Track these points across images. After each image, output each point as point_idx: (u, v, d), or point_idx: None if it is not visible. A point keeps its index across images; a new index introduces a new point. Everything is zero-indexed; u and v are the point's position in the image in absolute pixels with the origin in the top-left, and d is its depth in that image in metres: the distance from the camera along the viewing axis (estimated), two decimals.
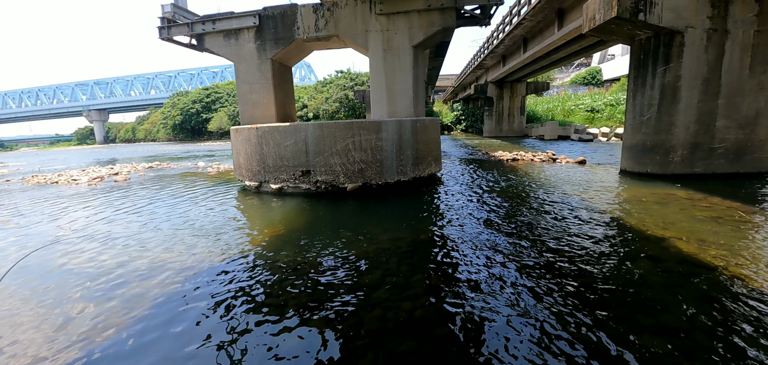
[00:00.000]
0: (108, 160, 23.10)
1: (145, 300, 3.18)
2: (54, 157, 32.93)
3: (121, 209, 6.92)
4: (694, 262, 3.56)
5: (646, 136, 8.09)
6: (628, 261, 3.67)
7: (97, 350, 2.51)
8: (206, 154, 22.97)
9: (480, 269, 3.61)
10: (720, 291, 3.01)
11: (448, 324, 2.68)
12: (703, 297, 2.92)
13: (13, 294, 3.40)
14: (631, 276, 3.31)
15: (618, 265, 3.57)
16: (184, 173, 12.77)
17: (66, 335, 2.70)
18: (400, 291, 3.19)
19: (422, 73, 9.44)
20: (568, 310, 2.79)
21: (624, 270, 3.45)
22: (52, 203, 7.93)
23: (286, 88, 10.11)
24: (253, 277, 3.59)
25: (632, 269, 3.47)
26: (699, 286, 3.09)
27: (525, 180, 8.43)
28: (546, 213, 5.48)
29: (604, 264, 3.58)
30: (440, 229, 4.99)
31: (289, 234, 4.93)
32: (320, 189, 7.37)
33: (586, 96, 31.02)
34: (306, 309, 2.95)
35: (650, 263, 3.58)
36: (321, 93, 41.42)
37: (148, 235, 5.11)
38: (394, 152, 7.41)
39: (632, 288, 3.09)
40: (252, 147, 7.75)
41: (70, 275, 3.80)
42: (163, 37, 9.29)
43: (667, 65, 7.58)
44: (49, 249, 4.70)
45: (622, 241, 4.23)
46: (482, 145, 20.62)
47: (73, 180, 12.07)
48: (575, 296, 3.00)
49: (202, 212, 6.38)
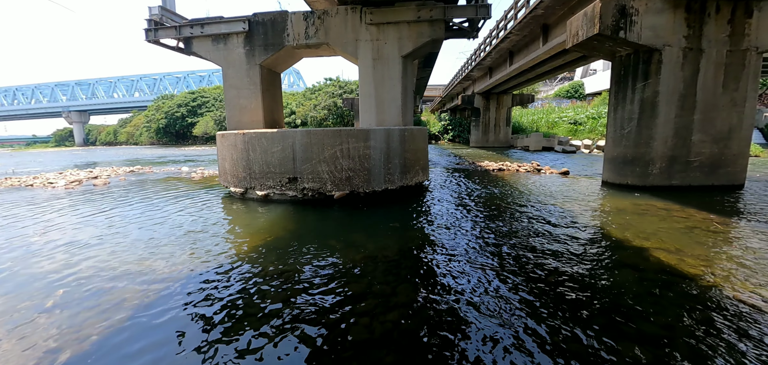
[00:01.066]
0: (87, 163, 22.37)
1: (121, 309, 3.06)
2: (30, 158, 31.66)
3: (99, 214, 6.69)
4: (673, 271, 3.66)
5: (626, 148, 8.35)
6: (609, 269, 3.75)
7: (68, 360, 2.40)
8: (190, 159, 22.51)
9: (465, 278, 3.63)
10: (698, 298, 3.10)
11: (433, 334, 2.67)
12: (682, 304, 3.01)
13: None
14: (613, 285, 3.39)
15: (600, 274, 3.64)
16: (167, 178, 12.47)
17: (35, 347, 2.57)
18: (386, 301, 3.17)
19: (411, 83, 9.53)
20: (551, 318, 2.82)
21: (605, 279, 3.52)
22: (25, 207, 7.61)
23: (274, 94, 10.04)
24: (236, 286, 3.51)
25: (613, 277, 3.55)
26: (678, 294, 3.18)
27: (510, 190, 8.56)
28: (530, 223, 5.57)
29: (586, 273, 3.65)
30: (427, 238, 5.00)
31: (275, 242, 4.85)
32: (307, 196, 7.31)
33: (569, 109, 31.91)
34: (290, 318, 2.90)
35: (631, 272, 3.66)
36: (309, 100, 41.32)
37: (127, 242, 4.95)
38: (382, 160, 7.43)
39: (613, 297, 3.16)
40: (238, 152, 7.64)
41: (41, 283, 3.63)
42: (150, 39, 9.13)
43: (646, 81, 7.87)
44: (20, 255, 4.49)
45: (604, 251, 4.33)
46: (469, 154, 20.88)
47: (49, 183, 11.62)
48: (558, 304, 3.04)
49: (184, 218, 6.22)
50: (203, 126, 49.41)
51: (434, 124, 37.54)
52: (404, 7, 8.28)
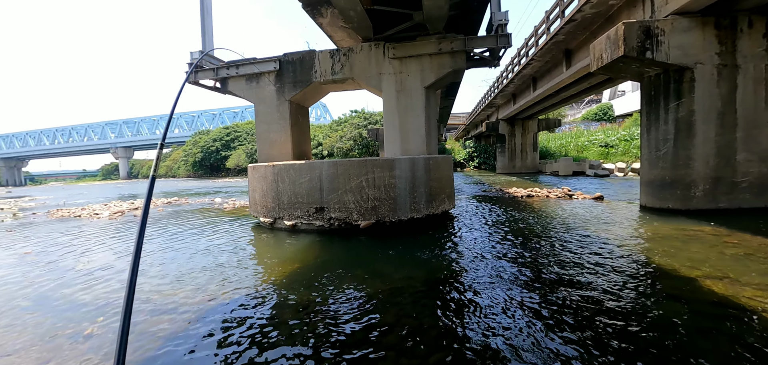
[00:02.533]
0: (129, 194, 23.90)
1: (155, 337, 3.18)
2: (79, 191, 34.26)
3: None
4: (728, 304, 3.37)
5: (664, 170, 7.94)
6: (655, 302, 3.50)
7: None
8: (223, 190, 23.52)
9: (497, 310, 3.50)
10: (759, 335, 2.82)
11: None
12: (740, 341, 2.74)
13: (23, 325, 3.46)
14: (660, 319, 3.15)
15: (645, 307, 3.40)
16: (201, 209, 13.06)
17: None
18: (414, 334, 3.10)
19: (434, 112, 9.65)
20: (593, 356, 2.65)
21: (651, 313, 3.28)
22: (73, 236, 8.19)
23: (302, 127, 10.45)
24: (264, 316, 3.56)
25: (662, 310, 3.30)
26: (734, 330, 2.91)
27: (541, 217, 8.29)
28: (565, 252, 5.33)
29: (630, 306, 3.42)
30: (455, 268, 4.90)
31: (302, 272, 4.92)
32: (333, 226, 7.41)
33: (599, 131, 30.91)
34: (317, 350, 2.90)
35: (679, 304, 3.40)
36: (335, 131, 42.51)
37: (163, 271, 5.18)
38: (407, 189, 7.46)
39: (661, 332, 2.93)
40: (268, 183, 7.94)
41: (83, 310, 3.85)
42: (191, 81, 9.87)
43: (679, 100, 7.56)
44: (67, 282, 4.80)
45: (648, 281, 4.06)
46: (496, 181, 20.51)
47: (95, 214, 12.50)
48: (599, 340, 2.86)
49: (216, 248, 6.46)
50: (235, 159, 51.80)
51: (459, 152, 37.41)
52: (425, 41, 8.53)
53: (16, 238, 8.53)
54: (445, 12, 7.57)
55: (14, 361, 2.90)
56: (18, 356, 2.97)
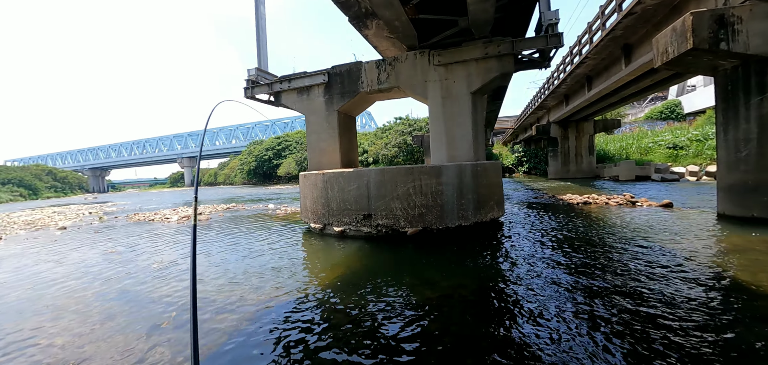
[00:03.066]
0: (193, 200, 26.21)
1: (220, 333, 3.50)
2: (151, 197, 38.29)
3: (201, 248, 7.79)
4: None
5: (746, 174, 7.07)
6: (741, 324, 3.15)
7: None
8: (275, 197, 24.93)
9: (551, 324, 3.38)
10: None
11: None
12: None
13: (107, 318, 4.00)
14: (749, 347, 2.84)
15: (729, 332, 3.07)
16: (257, 214, 14.00)
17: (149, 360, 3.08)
18: (463, 344, 3.10)
19: (481, 117, 9.50)
20: None
21: (737, 336, 2.97)
22: (148, 239, 9.25)
23: (350, 136, 10.84)
24: (316, 319, 3.77)
25: (748, 334, 2.98)
26: None
27: (600, 226, 7.77)
28: (629, 265, 4.97)
29: (710, 331, 3.11)
30: (505, 278, 4.80)
31: (351, 277, 5.12)
32: (381, 232, 7.58)
33: (666, 131, 28.08)
34: (365, 354, 3.02)
35: (764, 327, 3.05)
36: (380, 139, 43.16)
37: (223, 271, 5.67)
38: (454, 196, 7.42)
39: (739, 359, 2.66)
40: (318, 191, 8.34)
41: (158, 305, 4.35)
42: (248, 96, 10.72)
43: (763, 95, 6.71)
44: (145, 279, 5.45)
45: (726, 299, 3.67)
46: (548, 187, 19.50)
47: (165, 218, 13.95)
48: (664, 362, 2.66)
49: (271, 252, 6.92)
50: (286, 167, 54.64)
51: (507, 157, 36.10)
52: (471, 46, 8.47)
53: (102, 239, 9.82)
54: (490, 15, 7.47)
55: (102, 347, 3.38)
56: (106, 343, 3.46)
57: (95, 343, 3.44)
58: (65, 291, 5.18)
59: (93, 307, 4.43)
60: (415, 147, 36.88)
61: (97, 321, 3.99)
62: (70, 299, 4.80)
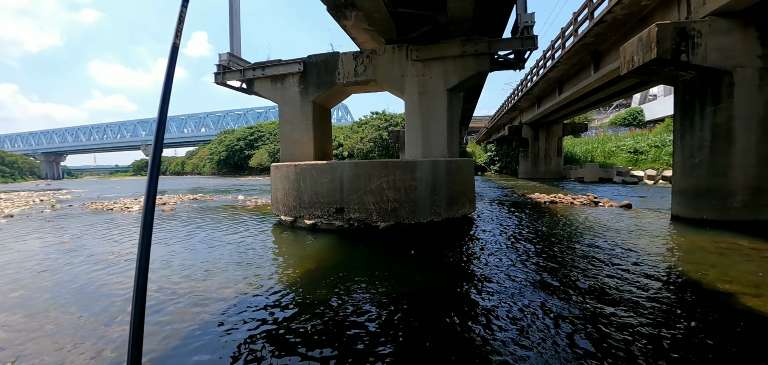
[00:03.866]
0: (159, 190, 24.95)
1: (179, 327, 3.31)
2: (111, 185, 36.12)
3: (165, 237, 7.40)
4: (764, 321, 3.19)
5: (698, 179, 7.56)
6: (689, 319, 3.35)
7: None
8: (246, 188, 24.17)
9: (516, 317, 3.45)
10: None
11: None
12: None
13: (58, 311, 3.69)
14: (695, 338, 3.02)
15: (678, 324, 3.27)
16: (225, 206, 13.49)
17: (101, 357, 2.86)
18: (434, 337, 3.11)
19: (456, 115, 9.59)
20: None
21: (684, 328, 3.15)
22: (106, 229, 8.65)
23: (324, 128, 10.63)
24: (283, 312, 3.64)
25: (694, 327, 3.16)
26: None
27: (565, 224, 8.07)
28: (590, 262, 5.18)
29: (661, 321, 3.29)
30: (475, 273, 4.86)
31: (322, 270, 5.01)
32: (353, 226, 7.49)
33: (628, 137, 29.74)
34: (335, 348, 2.95)
35: (716, 322, 3.25)
36: (356, 132, 42.89)
37: (187, 264, 5.39)
38: (427, 192, 7.45)
39: (697, 353, 2.81)
40: (290, 183, 8.12)
41: (113, 297, 4.07)
42: (219, 82, 10.24)
43: (716, 105, 7.19)
44: (100, 272, 5.08)
45: (680, 295, 3.89)
46: (518, 186, 20.11)
47: (126, 208, 13.14)
48: (618, 352, 2.77)
49: (239, 244, 6.66)
50: (258, 158, 53.18)
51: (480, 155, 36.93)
52: (449, 43, 8.50)
53: (53, 228, 9.10)
54: (469, 13, 7.52)
55: (50, 344, 3.11)
56: (51, 340, 3.18)
57: (38, 340, 3.14)
58: (6, 282, 4.73)
59: (38, 301, 4.06)
60: (390, 142, 36.95)
61: (42, 316, 3.65)
62: (11, 292, 4.38)
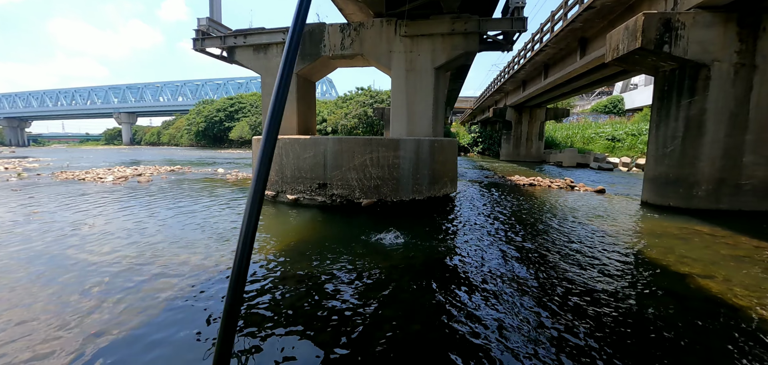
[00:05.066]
0: (132, 161, 24.03)
1: (157, 299, 3.28)
2: (82, 155, 34.50)
3: (141, 209, 7.20)
4: (719, 302, 3.44)
5: (669, 168, 7.91)
6: (647, 297, 3.58)
7: (108, 345, 2.60)
8: (226, 161, 23.60)
9: (491, 295, 3.59)
10: (746, 332, 2.90)
11: (457, 348, 2.68)
12: (728, 338, 2.82)
13: (33, 283, 3.58)
14: (651, 313, 3.23)
15: (636, 301, 3.48)
16: (204, 178, 13.17)
17: (80, 327, 2.82)
18: (410, 310, 3.20)
19: (442, 94, 9.57)
20: (580, 344, 2.75)
21: (642, 307, 3.36)
22: (79, 199, 8.32)
23: (308, 102, 10.41)
24: (265, 286, 3.67)
25: (651, 306, 3.38)
26: (724, 327, 2.99)
27: (541, 206, 8.33)
28: (561, 243, 5.40)
29: (621, 299, 3.50)
30: (454, 251, 4.98)
31: (303, 245, 5.02)
32: (335, 202, 7.49)
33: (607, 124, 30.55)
34: (315, 321, 3.00)
35: (671, 300, 3.48)
36: (340, 108, 42.19)
37: (166, 236, 5.29)
38: (410, 170, 7.49)
39: (651, 327, 3.02)
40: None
41: (89, 268, 3.98)
42: (197, 48, 9.78)
43: (692, 98, 7.46)
44: (74, 242, 4.93)
45: (641, 276, 4.13)
46: (499, 168, 20.48)
47: (99, 178, 12.62)
48: (587, 329, 2.94)
49: (218, 217, 6.57)
50: (239, 130, 51.70)
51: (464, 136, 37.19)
52: (438, 20, 8.37)
53: (22, 198, 8.66)
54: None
55: (29, 315, 3.02)
56: (31, 310, 3.10)
57: (14, 310, 3.05)
58: None
59: (13, 274, 3.90)
60: (375, 119, 36.61)
61: (20, 288, 3.52)
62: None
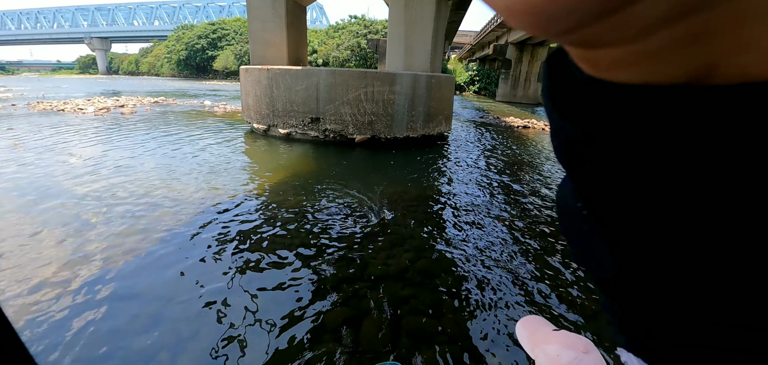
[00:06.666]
0: (112, 91, 22.84)
1: (156, 231, 3.27)
2: (57, 84, 32.53)
3: (129, 142, 6.96)
4: None
5: None
6: None
7: (111, 274, 2.62)
8: (212, 93, 22.65)
9: (481, 230, 3.71)
10: None
11: (446, 275, 2.80)
12: None
13: (26, 213, 3.52)
14: None
15: None
16: (191, 111, 12.68)
17: (83, 257, 2.82)
18: (403, 242, 3.29)
19: (442, 27, 9.05)
20: (559, 276, 2.90)
21: None
22: (61, 131, 7.95)
23: (299, 29, 9.73)
24: (259, 218, 3.66)
25: None
26: None
27: (534, 149, 8.36)
28: (547, 184, 5.53)
29: None
30: (446, 189, 5.04)
31: (297, 180, 4.99)
32: (328, 137, 7.35)
33: None
34: (310, 252, 3.05)
35: None
36: (332, 38, 39.93)
37: (156, 170, 5.17)
38: (406, 107, 7.29)
39: None
40: (262, 88, 7.62)
41: (85, 200, 3.91)
42: None
43: None
44: (66, 175, 4.79)
45: None
46: (494, 109, 20.22)
47: (79, 109, 12.00)
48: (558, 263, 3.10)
49: (209, 151, 6.41)
50: (223, 60, 49.01)
51: (461, 74, 36.07)
52: None
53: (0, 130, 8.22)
54: None
55: (31, 248, 2.99)
56: (33, 243, 3.06)
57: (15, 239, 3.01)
58: None
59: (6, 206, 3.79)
60: (369, 52, 34.94)
61: (17, 222, 3.44)
62: None
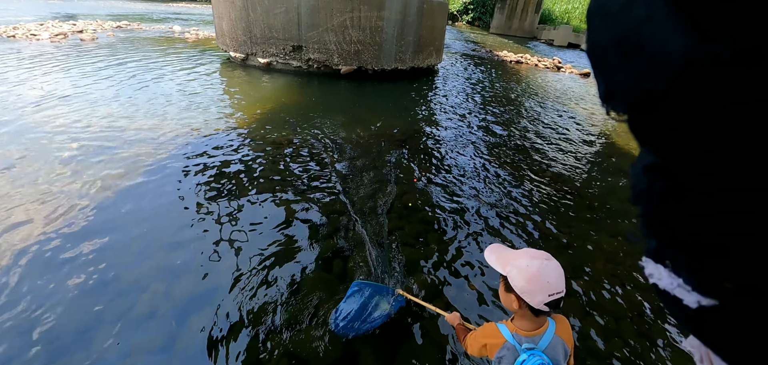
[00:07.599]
0: (67, 14, 20.60)
1: (136, 166, 3.08)
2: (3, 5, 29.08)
3: (95, 72, 6.33)
4: None
5: None
6: (606, 176, 3.79)
7: (91, 212, 2.46)
8: (180, 17, 20.75)
9: (466, 165, 3.69)
10: None
11: (434, 208, 2.77)
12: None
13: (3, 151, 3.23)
14: (606, 189, 3.46)
15: (595, 179, 3.72)
16: (159, 38, 11.62)
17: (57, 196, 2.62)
18: (389, 175, 3.21)
19: None
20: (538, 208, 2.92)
21: (599, 184, 3.58)
22: (16, 60, 7.13)
23: None
24: (240, 153, 3.47)
25: (609, 184, 3.59)
26: None
27: (525, 85, 8.13)
28: (538, 122, 5.46)
29: (583, 176, 3.73)
30: (434, 123, 4.91)
31: (279, 112, 4.71)
32: (312, 68, 6.89)
33: None
34: (295, 187, 2.93)
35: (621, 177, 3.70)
36: None
37: (129, 102, 4.76)
38: (395, 35, 6.80)
39: (604, 199, 3.24)
40: (236, 11, 6.92)
41: (56, 135, 3.57)
42: None
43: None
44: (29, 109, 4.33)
45: (606, 158, 4.34)
46: (487, 42, 19.34)
47: (32, 35, 10.73)
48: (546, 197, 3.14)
49: (182, 82, 5.93)
50: None
51: (454, 2, 33.85)
52: None
53: None
54: None
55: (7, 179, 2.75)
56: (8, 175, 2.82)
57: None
58: None
59: None
60: None
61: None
62: None
